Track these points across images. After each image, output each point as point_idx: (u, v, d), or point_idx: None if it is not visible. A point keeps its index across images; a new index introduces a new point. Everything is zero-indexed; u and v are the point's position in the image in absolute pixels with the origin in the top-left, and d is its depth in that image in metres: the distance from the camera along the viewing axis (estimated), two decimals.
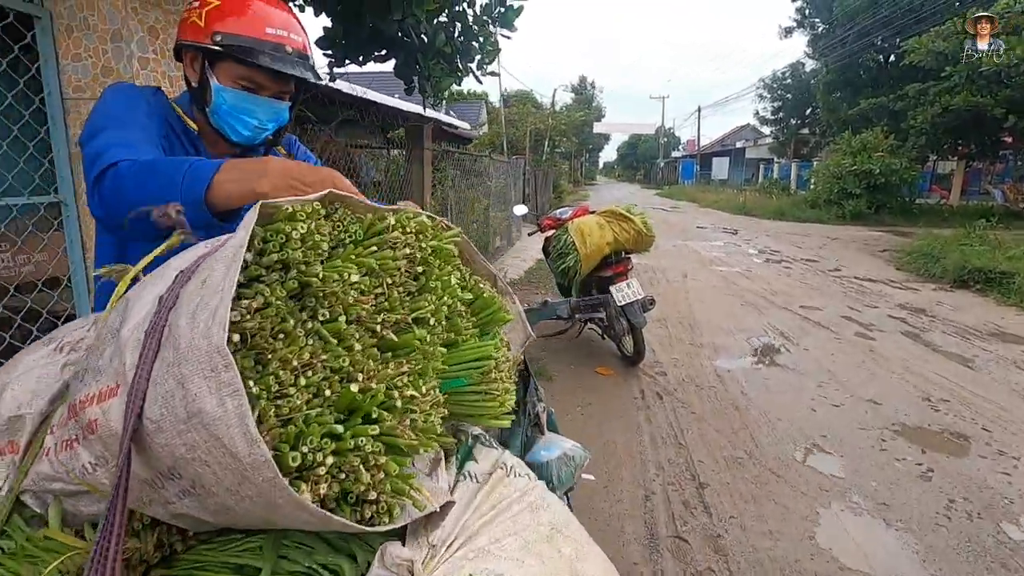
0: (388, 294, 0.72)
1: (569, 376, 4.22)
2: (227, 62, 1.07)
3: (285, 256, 0.60)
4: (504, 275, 7.05)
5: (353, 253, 0.69)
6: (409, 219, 0.79)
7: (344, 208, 0.74)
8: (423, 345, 0.74)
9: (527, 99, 26.39)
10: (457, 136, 15.17)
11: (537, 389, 1.92)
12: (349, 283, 0.65)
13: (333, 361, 0.61)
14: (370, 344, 0.68)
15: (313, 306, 0.63)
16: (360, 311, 0.66)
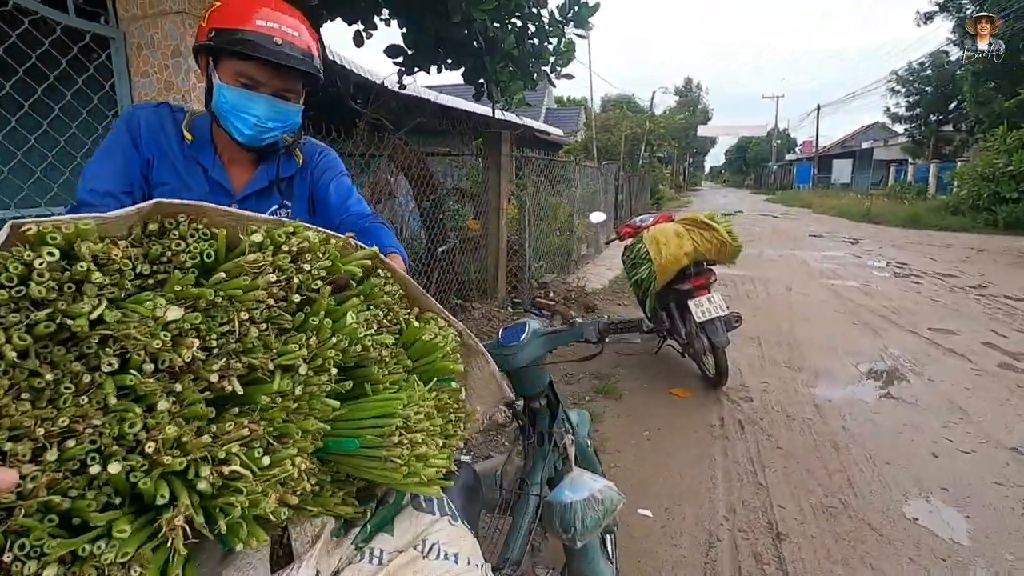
0: (242, 332, 0.58)
1: (640, 395, 3.92)
2: (227, 60, 1.09)
3: (22, 292, 0.47)
4: (585, 284, 6.82)
5: (179, 283, 0.55)
6: (288, 235, 0.64)
7: (188, 224, 0.60)
8: (284, 401, 0.60)
9: (627, 103, 25.80)
10: (550, 142, 15.14)
11: (567, 418, 1.73)
12: (161, 323, 0.52)
13: (113, 427, 0.48)
14: (196, 398, 0.54)
15: (95, 352, 0.50)
16: (176, 358, 0.52)
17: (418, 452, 0.69)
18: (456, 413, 0.83)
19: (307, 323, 0.64)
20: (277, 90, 1.12)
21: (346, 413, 0.68)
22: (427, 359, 0.80)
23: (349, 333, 0.67)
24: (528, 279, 5.85)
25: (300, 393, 0.61)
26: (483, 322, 4.87)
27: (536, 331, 1.51)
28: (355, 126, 3.92)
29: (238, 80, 1.09)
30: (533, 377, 1.58)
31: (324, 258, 0.67)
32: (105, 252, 0.51)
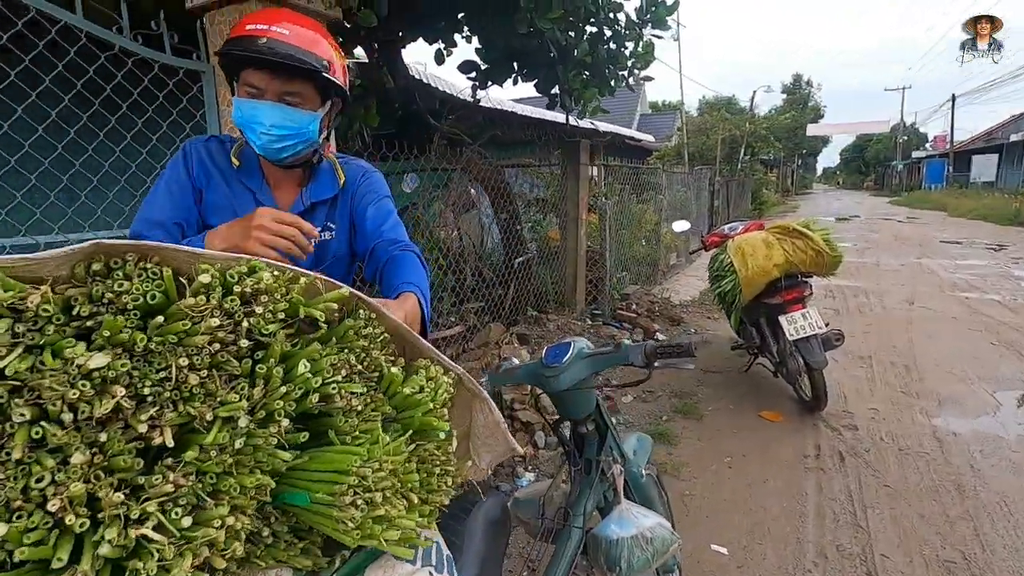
0: (181, 380, 0.55)
1: (725, 417, 3.63)
2: (237, 75, 1.13)
3: None
4: (671, 296, 6.49)
5: (112, 328, 0.53)
6: (241, 275, 0.61)
7: (135, 264, 0.58)
8: (222, 454, 0.56)
9: (726, 105, 24.56)
10: (641, 148, 14.73)
11: (617, 446, 1.61)
12: (83, 371, 0.50)
13: (17, 481, 0.47)
14: (122, 449, 0.52)
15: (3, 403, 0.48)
16: (98, 409, 0.50)
17: (376, 514, 0.64)
18: (444, 466, 0.77)
19: (256, 370, 0.61)
20: (279, 94, 1.10)
21: (304, 462, 0.64)
22: (410, 411, 0.75)
23: (302, 382, 0.63)
24: (609, 290, 5.68)
25: (241, 446, 0.58)
26: (558, 334, 4.78)
27: (581, 352, 1.42)
28: (432, 141, 4.02)
29: (244, 91, 1.11)
30: (578, 400, 1.49)
31: (281, 300, 0.63)
32: (21, 298, 0.50)
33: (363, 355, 0.72)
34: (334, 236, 1.33)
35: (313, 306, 0.66)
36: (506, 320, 4.72)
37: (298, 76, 1.09)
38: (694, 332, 5.60)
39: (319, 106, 1.17)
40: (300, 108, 1.13)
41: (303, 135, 1.15)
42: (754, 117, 18.63)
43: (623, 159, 9.27)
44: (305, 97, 1.13)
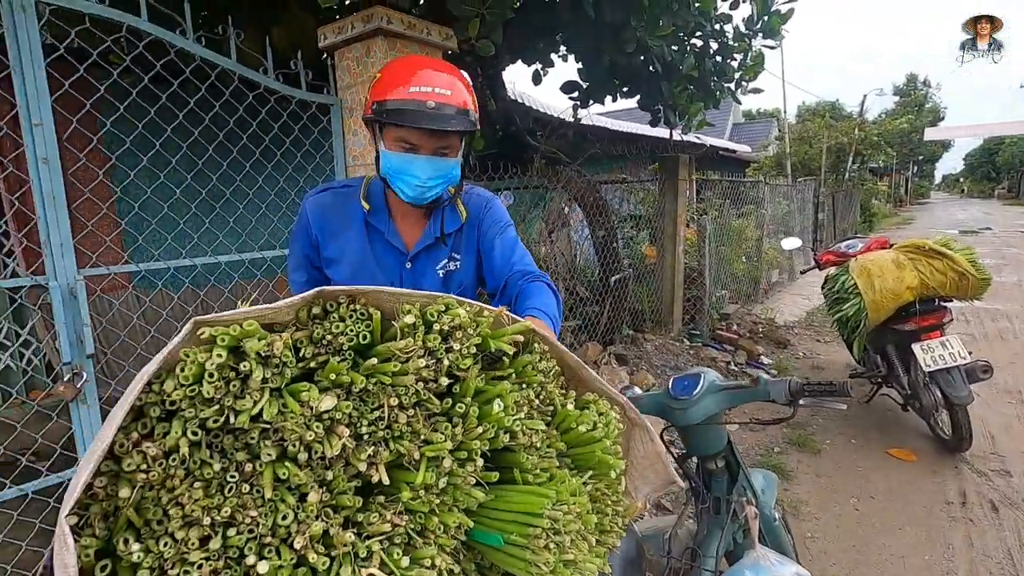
0: (391, 419, 0.57)
1: (846, 452, 3.33)
2: (388, 128, 1.16)
3: (195, 392, 0.50)
4: (776, 316, 6.11)
5: (335, 370, 0.56)
6: (439, 313, 0.63)
7: (347, 306, 0.61)
8: (427, 495, 0.57)
9: (829, 110, 22.99)
10: (736, 160, 14.08)
11: (750, 486, 1.51)
12: (315, 413, 0.52)
13: (267, 517, 0.50)
14: (344, 487, 0.54)
15: (256, 442, 0.51)
16: (329, 448, 0.52)
17: (566, 557, 0.63)
18: (614, 506, 0.75)
19: (454, 408, 0.62)
20: (436, 150, 1.16)
21: (491, 500, 0.65)
22: (584, 448, 0.74)
23: (496, 421, 0.63)
24: (708, 309, 5.43)
25: (444, 485, 0.59)
26: (656, 355, 4.63)
27: (713, 384, 1.35)
28: (531, 160, 4.07)
29: (399, 145, 1.15)
30: (708, 435, 1.42)
31: (474, 335, 0.64)
32: (267, 347, 0.53)
33: (540, 390, 0.72)
34: (459, 267, 1.36)
35: (501, 339, 0.67)
36: (602, 339, 4.64)
37: (453, 132, 1.14)
38: (803, 356, 5.21)
39: (460, 150, 1.23)
40: (449, 157, 1.18)
41: (449, 180, 1.22)
42: (864, 123, 17.22)
43: (718, 171, 8.89)
44: (453, 147, 1.18)
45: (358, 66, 2.40)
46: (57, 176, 1.71)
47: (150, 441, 0.48)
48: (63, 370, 1.77)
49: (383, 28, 2.21)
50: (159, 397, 0.49)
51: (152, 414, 0.49)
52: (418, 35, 2.33)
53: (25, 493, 1.76)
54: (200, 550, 0.47)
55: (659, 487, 0.94)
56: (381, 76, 1.15)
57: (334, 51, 2.46)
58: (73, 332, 1.76)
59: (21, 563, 1.96)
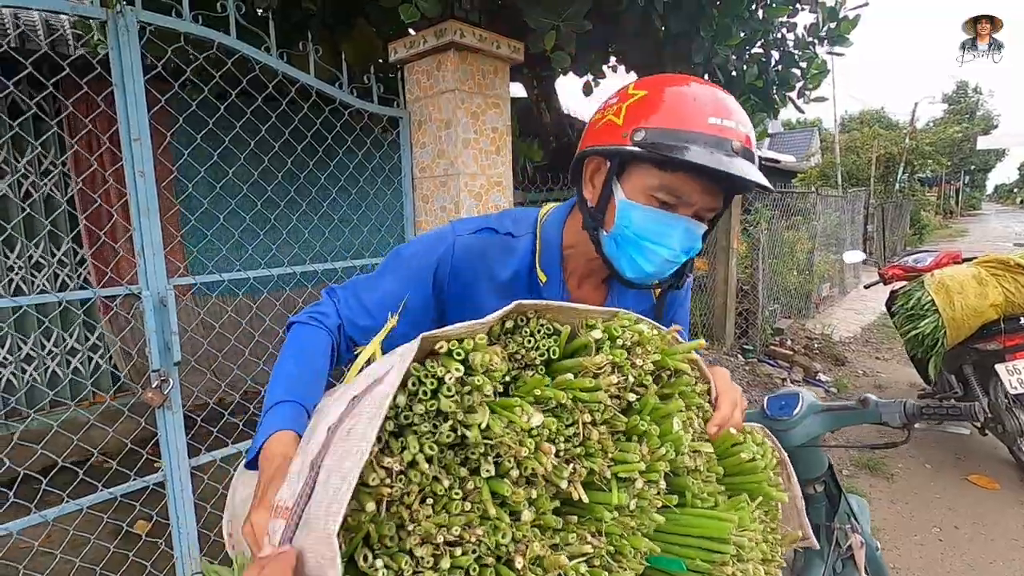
0: (584, 435, 0.55)
1: (921, 478, 3.16)
2: (642, 168, 0.79)
3: (435, 405, 0.49)
4: (832, 331, 5.90)
5: (537, 385, 0.54)
6: (623, 328, 0.61)
7: (536, 319, 0.59)
8: (621, 516, 0.55)
9: (877, 119, 22.31)
10: (779, 170, 13.76)
11: (852, 513, 1.43)
12: (526, 429, 0.51)
13: (490, 536, 0.48)
14: (548, 507, 0.52)
15: (476, 459, 0.50)
16: (539, 465, 0.51)
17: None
18: (773, 534, 0.71)
19: (637, 427, 0.60)
20: (702, 210, 0.80)
21: (666, 525, 0.62)
22: (745, 478, 0.71)
23: (675, 440, 0.61)
24: (761, 324, 5.28)
25: (634, 507, 0.57)
26: None
27: (812, 405, 1.29)
28: None
29: (654, 197, 0.78)
30: (809, 459, 1.35)
31: (654, 352, 0.62)
32: (490, 361, 0.52)
33: (700, 412, 0.69)
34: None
35: (676, 357, 0.65)
36: None
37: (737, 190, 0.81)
38: (863, 374, 5.01)
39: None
40: (704, 223, 0.82)
41: (693, 254, 0.84)
42: (915, 131, 16.62)
43: None
44: (716, 208, 0.82)
45: (428, 79, 2.42)
46: (152, 188, 1.77)
47: (388, 456, 0.47)
48: (152, 376, 1.82)
49: (456, 42, 2.23)
50: (393, 412, 0.48)
51: (388, 428, 0.48)
52: (490, 48, 2.35)
53: (114, 497, 1.80)
54: (432, 569, 0.46)
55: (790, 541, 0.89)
56: (645, 94, 0.78)
57: (403, 65, 2.50)
58: (162, 340, 1.81)
59: (94, 557, 2.01)
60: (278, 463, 0.63)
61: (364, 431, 0.45)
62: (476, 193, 2.46)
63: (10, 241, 3.36)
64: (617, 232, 0.82)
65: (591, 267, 0.92)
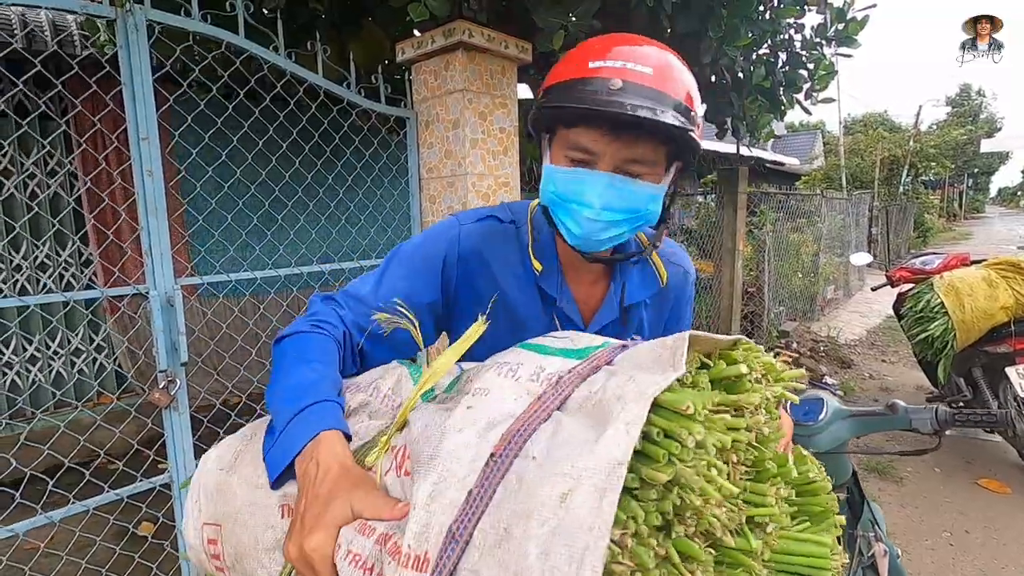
0: (732, 478, 0.50)
1: (931, 481, 3.13)
2: (561, 132, 0.79)
3: (674, 472, 0.43)
4: (837, 333, 5.88)
5: (720, 430, 0.48)
6: (757, 358, 0.56)
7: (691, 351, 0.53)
8: (756, 559, 0.50)
9: (881, 122, 22.28)
10: (782, 173, 13.74)
11: (876, 521, 1.41)
12: (718, 487, 0.45)
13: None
14: (708, 560, 0.46)
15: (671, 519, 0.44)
16: (712, 520, 0.45)
17: None
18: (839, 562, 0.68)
19: (762, 464, 0.55)
20: (622, 163, 0.75)
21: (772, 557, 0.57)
22: (809, 499, 0.67)
23: (786, 474, 0.57)
24: (766, 326, 5.26)
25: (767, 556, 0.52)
26: None
27: (838, 411, 1.27)
28: None
29: (569, 157, 0.77)
30: (833, 466, 1.33)
31: (775, 382, 0.58)
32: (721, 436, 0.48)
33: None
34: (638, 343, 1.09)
35: (787, 383, 0.61)
36: None
37: (648, 135, 0.74)
38: (869, 376, 4.98)
39: (664, 174, 0.80)
40: (641, 180, 0.77)
41: (637, 219, 0.79)
42: (919, 134, 16.58)
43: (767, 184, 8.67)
44: (650, 163, 0.77)
45: (435, 80, 2.41)
46: (160, 188, 1.76)
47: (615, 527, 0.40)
48: (159, 377, 1.81)
49: (464, 42, 2.22)
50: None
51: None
52: (498, 48, 2.33)
53: (119, 497, 1.79)
54: None
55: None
56: (561, 59, 0.80)
57: (411, 65, 2.49)
58: (169, 340, 1.80)
59: (99, 559, 2.00)
60: (338, 472, 0.56)
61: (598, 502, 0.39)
62: (483, 194, 2.45)
63: (16, 241, 3.36)
64: (545, 198, 0.82)
65: (583, 262, 0.88)
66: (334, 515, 0.51)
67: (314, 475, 0.56)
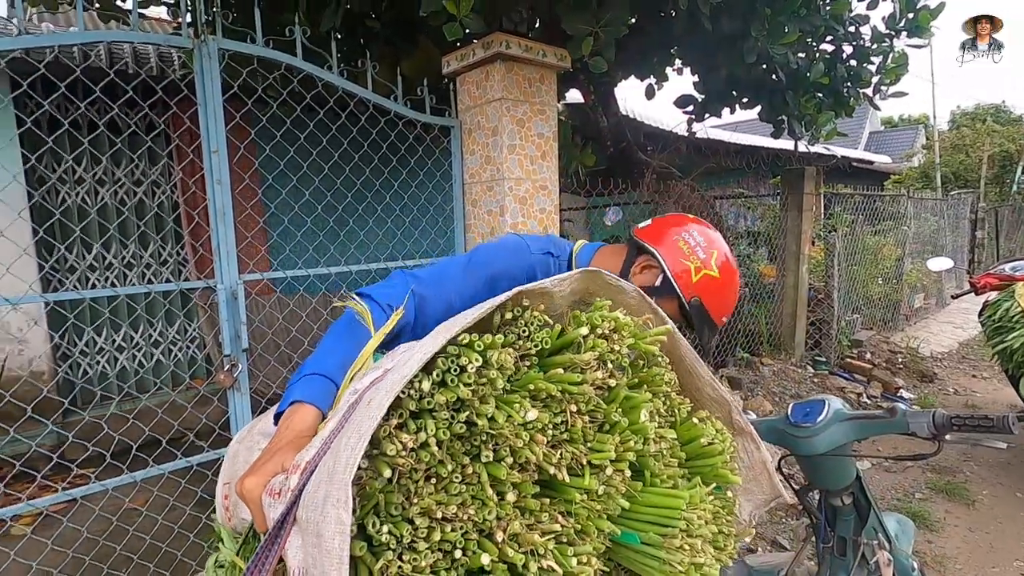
0: (571, 423, 0.60)
1: (1008, 507, 2.86)
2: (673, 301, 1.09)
3: (452, 394, 0.55)
4: (920, 346, 5.44)
5: (533, 381, 0.59)
6: (603, 319, 0.65)
7: (530, 312, 0.64)
8: (589, 500, 0.61)
9: (993, 113, 20.13)
10: (870, 172, 12.76)
11: (883, 528, 1.37)
12: (523, 423, 0.57)
13: (478, 513, 0.54)
14: (531, 491, 0.58)
15: (477, 445, 0.56)
16: (531, 454, 0.57)
17: (696, 560, 0.64)
18: (728, 526, 0.74)
19: (610, 417, 0.64)
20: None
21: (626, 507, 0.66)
22: (703, 461, 0.75)
23: (642, 430, 0.65)
24: (836, 335, 4.97)
25: (602, 492, 0.62)
26: (773, 380, 4.32)
27: (839, 413, 1.26)
28: (642, 176, 4.02)
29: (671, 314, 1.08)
30: (834, 468, 1.31)
31: (628, 336, 0.66)
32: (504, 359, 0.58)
33: (666, 400, 0.74)
34: None
35: (646, 341, 0.69)
36: (713, 361, 4.43)
37: None
38: (954, 392, 4.58)
39: None
40: None
41: None
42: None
43: (851, 184, 8.15)
44: None
45: (477, 89, 2.54)
46: (227, 195, 2.01)
47: (405, 433, 0.54)
48: (224, 361, 2.05)
49: (502, 53, 2.34)
50: (416, 394, 0.55)
51: (408, 407, 0.55)
52: (535, 57, 2.43)
53: (190, 465, 2.05)
54: (424, 540, 0.52)
55: (763, 503, 0.90)
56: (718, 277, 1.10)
57: (455, 77, 2.64)
58: (233, 329, 2.04)
59: (184, 524, 2.28)
60: (289, 438, 0.72)
61: (381, 401, 0.52)
62: (521, 197, 2.55)
63: (118, 242, 3.86)
64: None
65: None
66: (269, 467, 0.66)
67: (278, 435, 0.73)
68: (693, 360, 0.81)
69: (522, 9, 2.47)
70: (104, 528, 2.24)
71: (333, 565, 0.47)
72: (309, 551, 0.51)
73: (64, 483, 2.16)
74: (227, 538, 0.85)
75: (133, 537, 2.22)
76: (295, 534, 0.54)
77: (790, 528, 2.73)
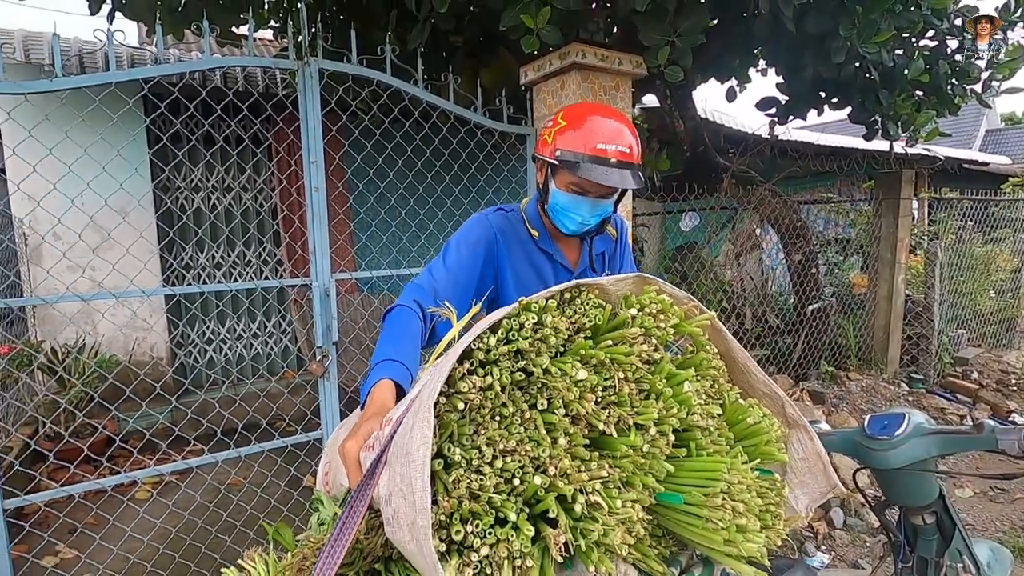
0: (619, 388, 0.71)
1: None
2: (562, 171, 1.23)
3: (514, 346, 0.67)
4: None
5: (584, 348, 0.70)
6: (651, 300, 0.76)
7: (587, 293, 0.76)
8: (634, 455, 0.69)
9: None
10: (989, 174, 11.54)
11: (969, 551, 1.29)
12: (574, 380, 0.67)
13: (534, 450, 0.64)
14: (581, 441, 0.68)
15: (535, 395, 0.68)
16: (580, 408, 0.67)
17: (739, 521, 0.70)
18: (776, 507, 0.78)
19: (655, 386, 0.73)
20: (603, 196, 1.25)
21: (673, 471, 0.74)
22: (750, 440, 0.79)
23: (685, 400, 0.73)
24: (936, 351, 4.59)
25: (647, 450, 0.71)
26: (861, 396, 4.06)
27: (920, 426, 1.21)
28: (721, 180, 3.93)
29: (571, 189, 1.23)
30: (915, 484, 1.26)
31: (673, 316, 0.76)
32: (557, 321, 0.71)
33: (713, 383, 0.80)
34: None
35: (690, 325, 0.78)
36: (794, 373, 4.23)
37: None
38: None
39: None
40: (609, 199, 1.28)
41: (605, 215, 1.32)
42: None
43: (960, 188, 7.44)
44: (613, 191, 1.28)
45: (553, 98, 2.62)
46: (323, 201, 2.21)
47: (475, 376, 0.66)
48: (316, 352, 2.26)
49: (577, 63, 2.40)
50: (485, 347, 0.68)
51: (478, 357, 0.68)
52: (610, 66, 2.47)
53: (285, 445, 2.27)
54: (489, 464, 0.64)
55: (819, 495, 0.91)
56: (565, 124, 1.22)
57: (532, 86, 2.73)
58: (325, 323, 2.23)
59: (279, 499, 2.52)
60: (375, 408, 0.86)
61: (456, 349, 0.65)
62: None
63: (226, 243, 4.28)
64: (550, 207, 1.29)
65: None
66: (363, 430, 0.80)
67: (367, 405, 0.89)
68: (745, 359, 0.88)
69: (598, 20, 2.52)
70: (212, 498, 2.52)
71: (418, 471, 0.57)
72: (396, 473, 0.61)
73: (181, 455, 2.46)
74: (326, 500, 0.99)
75: (236, 507, 2.48)
76: (385, 473, 0.65)
77: (868, 548, 2.58)
